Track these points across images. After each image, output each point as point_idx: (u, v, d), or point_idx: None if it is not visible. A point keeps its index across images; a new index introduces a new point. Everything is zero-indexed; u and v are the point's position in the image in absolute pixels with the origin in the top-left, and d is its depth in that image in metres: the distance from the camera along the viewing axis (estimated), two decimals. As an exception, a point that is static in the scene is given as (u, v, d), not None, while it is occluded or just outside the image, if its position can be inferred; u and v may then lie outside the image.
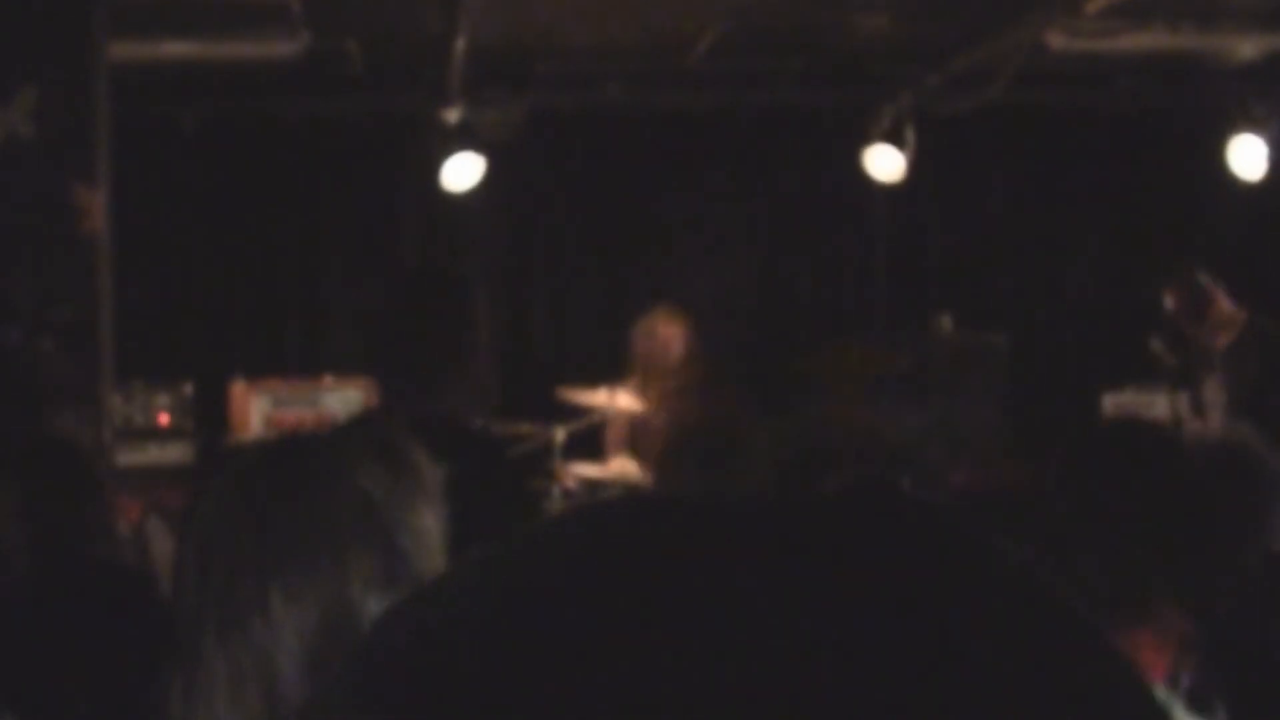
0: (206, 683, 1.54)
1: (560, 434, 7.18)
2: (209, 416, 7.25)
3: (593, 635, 0.47)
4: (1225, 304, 6.73)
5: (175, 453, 7.00)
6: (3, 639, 2.82)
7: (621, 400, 7.16)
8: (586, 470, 7.25)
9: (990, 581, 0.49)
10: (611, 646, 0.46)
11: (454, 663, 0.48)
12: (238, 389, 7.35)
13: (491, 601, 0.49)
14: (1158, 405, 7.28)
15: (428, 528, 1.67)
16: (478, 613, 0.49)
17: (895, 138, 8.03)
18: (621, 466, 7.15)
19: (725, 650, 0.45)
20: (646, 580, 0.48)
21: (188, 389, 7.13)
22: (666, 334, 7.05)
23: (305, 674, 1.53)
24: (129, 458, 6.57)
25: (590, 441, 7.34)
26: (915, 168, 8.11)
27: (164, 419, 7.05)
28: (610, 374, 7.27)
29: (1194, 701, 2.02)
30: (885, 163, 8.14)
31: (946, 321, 8.04)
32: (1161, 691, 1.98)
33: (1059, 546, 2.18)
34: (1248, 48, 7.47)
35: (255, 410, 7.31)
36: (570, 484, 7.19)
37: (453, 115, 7.72)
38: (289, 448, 1.71)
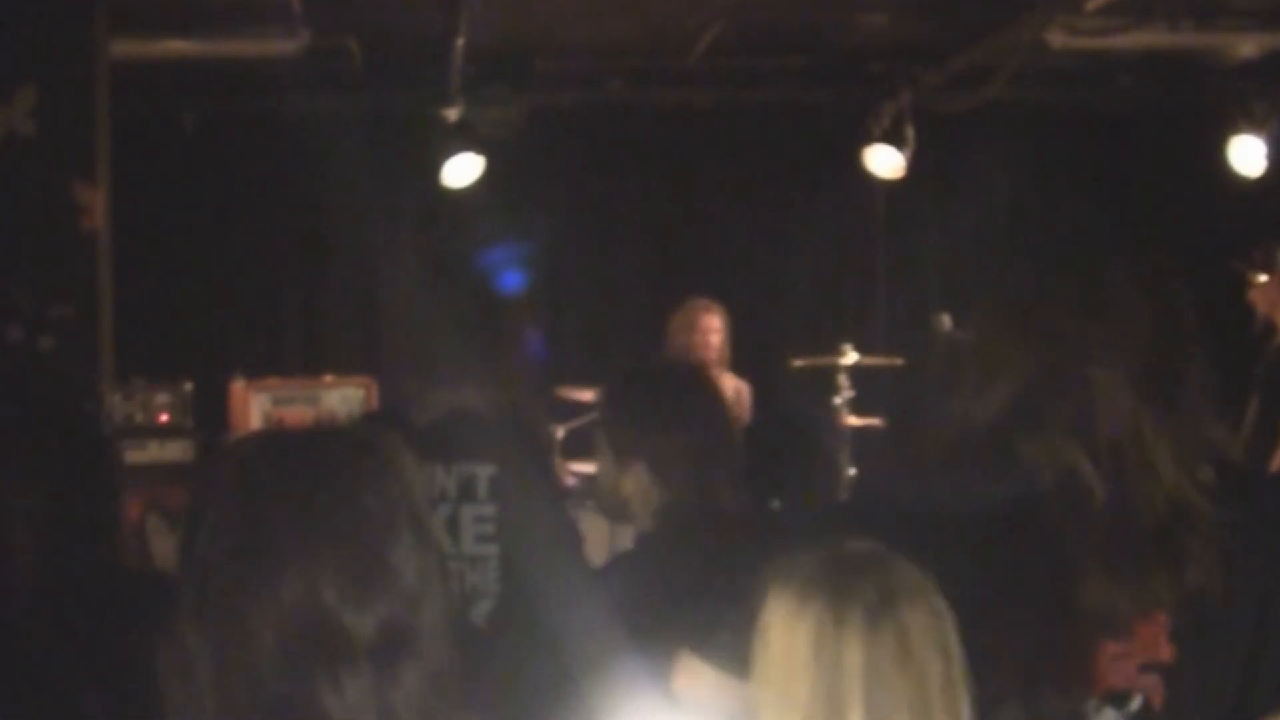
0: (194, 671, 1.55)
1: (559, 432, 7.19)
2: (209, 415, 7.24)
3: None
4: None
5: (175, 451, 6.99)
6: (6, 639, 2.82)
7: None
8: (586, 468, 7.26)
9: None
10: None
11: None
12: (238, 387, 7.34)
13: None
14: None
15: (427, 542, 1.63)
16: None
17: (895, 136, 8.03)
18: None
19: None
20: None
21: (188, 387, 7.12)
22: (707, 324, 7.14)
23: (281, 671, 1.52)
24: (129, 456, 6.56)
25: (589, 439, 7.34)
26: (915, 166, 8.11)
27: (164, 417, 7.04)
28: (609, 372, 7.26)
29: None
30: (885, 160, 8.14)
31: (946, 321, 8.04)
32: None
33: None
34: (1247, 46, 7.47)
35: (255, 409, 7.30)
36: (570, 481, 7.19)
37: (453, 113, 7.72)
38: (293, 443, 1.70)
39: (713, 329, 7.21)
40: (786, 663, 1.87)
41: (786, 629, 1.88)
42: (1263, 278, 6.16)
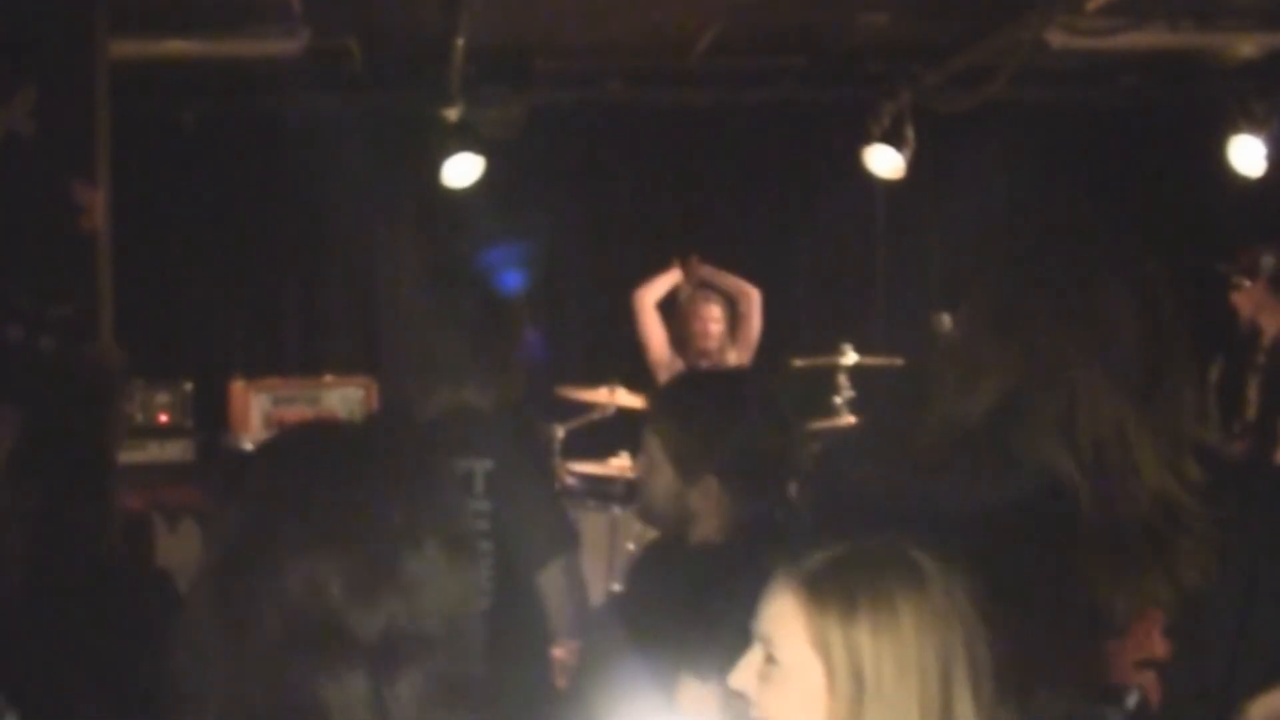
0: (206, 654, 1.55)
1: (560, 431, 7.20)
2: (209, 415, 7.25)
3: None
4: None
5: (175, 451, 7.01)
6: (8, 639, 2.82)
7: (621, 398, 7.18)
8: (586, 467, 7.27)
9: None
10: None
11: None
12: (237, 387, 7.35)
13: None
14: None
15: (458, 557, 1.62)
16: None
17: (895, 136, 8.02)
18: (622, 463, 7.16)
19: None
20: None
21: (188, 387, 7.13)
22: (707, 314, 7.23)
23: (285, 661, 1.52)
24: (129, 456, 6.54)
25: (589, 439, 7.35)
26: (915, 166, 8.11)
27: (164, 417, 7.05)
28: (609, 371, 7.28)
29: None
30: (885, 160, 8.14)
31: (946, 321, 8.04)
32: None
33: None
34: (1248, 46, 7.47)
35: (255, 409, 7.31)
36: (570, 481, 7.20)
37: (453, 113, 7.72)
38: (333, 436, 1.71)
39: (713, 318, 7.28)
40: (896, 667, 1.80)
41: (887, 635, 1.81)
42: (1246, 282, 6.16)
